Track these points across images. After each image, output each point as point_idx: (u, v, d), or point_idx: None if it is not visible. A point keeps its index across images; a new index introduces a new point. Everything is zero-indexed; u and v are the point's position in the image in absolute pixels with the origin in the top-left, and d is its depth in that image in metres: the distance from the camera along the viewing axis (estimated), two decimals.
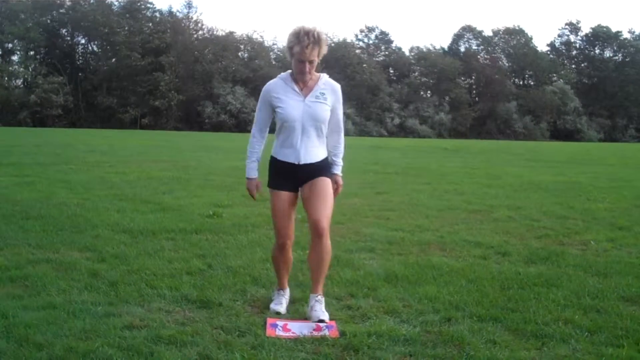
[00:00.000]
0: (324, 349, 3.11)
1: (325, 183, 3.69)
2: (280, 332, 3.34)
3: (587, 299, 4.01)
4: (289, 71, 3.70)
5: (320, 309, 3.62)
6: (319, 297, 3.69)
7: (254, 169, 3.80)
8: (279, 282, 3.93)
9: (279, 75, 3.74)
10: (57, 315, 3.46)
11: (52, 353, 2.95)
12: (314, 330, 3.38)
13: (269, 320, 3.50)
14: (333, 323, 3.49)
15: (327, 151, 3.78)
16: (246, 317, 3.55)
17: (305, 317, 3.63)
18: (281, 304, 3.78)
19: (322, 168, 3.71)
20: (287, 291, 3.93)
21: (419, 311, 3.73)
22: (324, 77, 3.71)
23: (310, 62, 3.52)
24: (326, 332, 3.34)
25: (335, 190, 3.79)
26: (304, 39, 3.44)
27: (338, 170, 3.82)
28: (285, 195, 3.69)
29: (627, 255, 5.51)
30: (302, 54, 3.47)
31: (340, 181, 3.83)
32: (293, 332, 3.35)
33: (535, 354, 3.11)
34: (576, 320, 3.57)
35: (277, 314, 3.66)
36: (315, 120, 3.61)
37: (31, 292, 3.92)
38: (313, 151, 3.65)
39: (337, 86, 3.73)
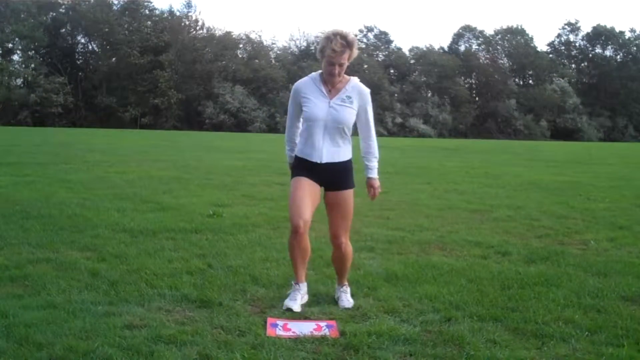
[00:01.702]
0: (324, 348, 3.11)
1: (348, 197, 3.76)
2: (280, 332, 3.34)
3: (587, 298, 4.01)
4: (319, 71, 3.75)
5: (346, 298, 3.84)
6: (344, 287, 3.93)
7: (293, 155, 3.90)
8: (295, 274, 3.89)
9: (309, 75, 3.80)
10: (57, 315, 3.46)
11: (52, 353, 2.95)
12: (314, 329, 3.38)
13: (269, 320, 3.50)
14: (333, 322, 3.49)
15: (361, 156, 3.86)
16: (246, 317, 3.55)
17: (305, 317, 3.64)
18: (295, 300, 3.76)
19: (345, 173, 3.76)
20: (304, 286, 3.89)
21: (419, 311, 3.73)
22: (354, 80, 3.76)
23: (340, 65, 3.58)
24: (326, 332, 3.34)
25: (373, 196, 3.89)
26: (336, 42, 3.50)
27: (372, 173, 3.86)
28: (305, 179, 3.73)
29: (627, 254, 5.51)
30: (333, 57, 3.53)
31: (377, 183, 3.87)
32: (293, 332, 3.34)
33: (535, 354, 3.11)
34: (576, 320, 3.57)
35: (289, 310, 3.66)
36: (338, 122, 3.67)
37: (31, 292, 3.92)
38: (335, 151, 3.72)
39: (366, 90, 3.77)
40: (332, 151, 3.71)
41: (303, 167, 3.76)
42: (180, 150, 21.21)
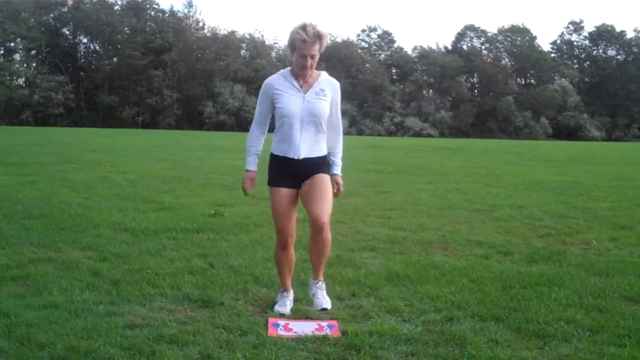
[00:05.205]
0: (326, 348, 3.11)
1: (324, 179, 3.70)
2: (281, 332, 3.34)
3: (589, 298, 4.01)
4: (289, 68, 3.73)
5: (322, 295, 3.75)
6: (320, 282, 3.82)
7: (253, 162, 3.83)
8: (282, 283, 3.91)
9: (279, 72, 3.77)
10: (58, 315, 3.46)
11: (53, 352, 2.95)
12: (315, 329, 3.38)
13: (271, 320, 3.50)
14: (335, 322, 3.49)
15: (327, 150, 3.80)
16: (248, 317, 3.55)
17: (307, 317, 3.63)
18: (285, 305, 3.75)
19: (321, 165, 3.72)
20: (291, 293, 3.90)
21: (420, 310, 3.73)
22: (324, 74, 3.75)
23: (312, 57, 3.56)
24: (328, 332, 3.34)
25: (337, 191, 3.80)
26: (306, 34, 3.49)
27: (338, 170, 3.85)
28: (284, 192, 3.70)
29: (629, 254, 5.50)
30: (305, 49, 3.51)
31: (341, 181, 3.84)
32: (295, 332, 3.34)
33: (537, 354, 3.11)
34: (578, 320, 3.56)
35: (282, 315, 3.66)
36: (314, 116, 3.63)
37: (33, 291, 3.93)
38: (312, 147, 3.67)
39: (337, 83, 3.77)
40: (309, 147, 3.65)
41: (281, 169, 3.70)
42: (181, 149, 21.22)
